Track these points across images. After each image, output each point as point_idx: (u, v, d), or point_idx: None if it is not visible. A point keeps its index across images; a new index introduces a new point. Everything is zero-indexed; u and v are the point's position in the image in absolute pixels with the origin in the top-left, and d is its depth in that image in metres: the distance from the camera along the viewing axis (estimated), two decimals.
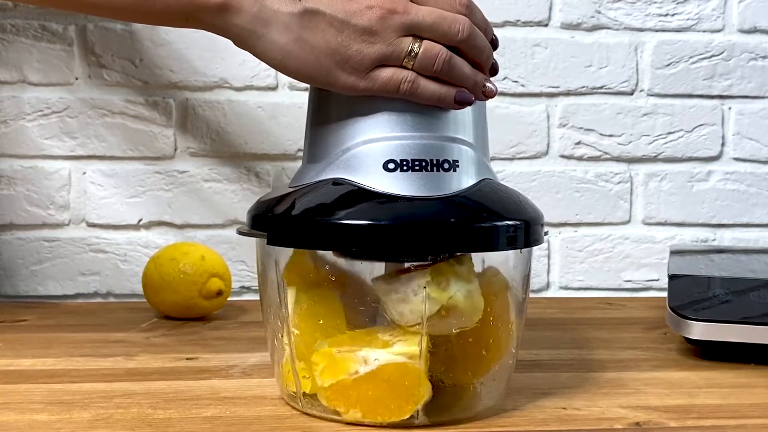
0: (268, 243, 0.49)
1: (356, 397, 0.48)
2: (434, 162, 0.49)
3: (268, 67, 0.93)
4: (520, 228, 0.49)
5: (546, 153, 0.98)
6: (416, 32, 0.51)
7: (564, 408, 0.53)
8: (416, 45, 0.50)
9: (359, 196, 0.48)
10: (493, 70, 0.55)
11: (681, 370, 0.63)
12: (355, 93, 0.51)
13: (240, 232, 0.52)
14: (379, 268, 0.49)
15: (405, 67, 0.50)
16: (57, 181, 0.92)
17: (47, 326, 0.77)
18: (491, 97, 0.53)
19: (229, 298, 0.82)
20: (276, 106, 0.94)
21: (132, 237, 0.93)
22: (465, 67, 0.52)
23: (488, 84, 0.53)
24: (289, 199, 0.50)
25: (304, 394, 0.50)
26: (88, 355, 0.65)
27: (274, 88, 0.94)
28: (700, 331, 0.65)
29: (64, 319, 0.81)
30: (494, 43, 0.55)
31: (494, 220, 0.49)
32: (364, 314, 0.49)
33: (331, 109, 0.52)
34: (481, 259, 0.50)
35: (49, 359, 0.64)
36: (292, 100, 0.93)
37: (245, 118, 0.93)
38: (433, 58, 0.50)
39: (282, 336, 0.51)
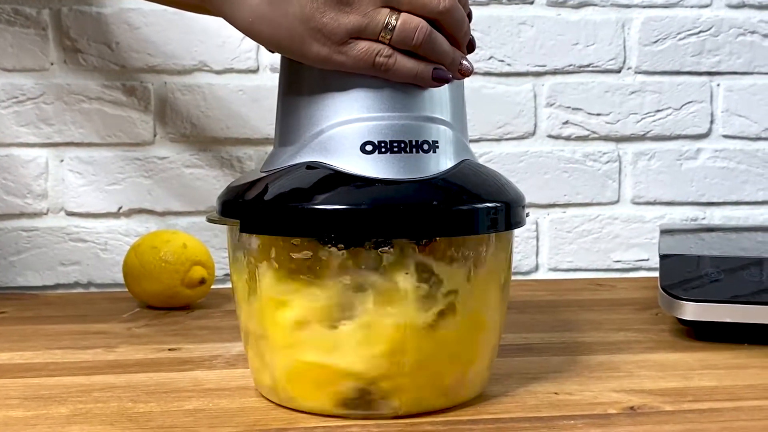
0: (241, 230, 0.47)
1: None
2: (413, 143, 0.48)
3: (249, 48, 0.92)
4: (501, 210, 0.48)
5: (533, 133, 0.96)
6: (394, 4, 0.48)
7: (556, 393, 0.52)
8: (393, 18, 0.48)
9: (336, 179, 0.46)
10: (471, 46, 0.52)
11: (674, 351, 0.62)
12: (328, 66, 0.48)
13: (210, 220, 0.50)
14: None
15: (381, 42, 0.48)
16: (34, 169, 0.89)
17: (26, 318, 0.76)
18: (467, 76, 0.51)
19: (212, 286, 0.80)
20: (257, 89, 0.92)
21: (112, 225, 0.91)
22: (444, 43, 0.49)
23: (464, 62, 0.51)
24: (262, 185, 0.48)
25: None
26: (67, 348, 0.64)
27: (255, 71, 0.92)
28: (692, 311, 0.64)
29: (43, 310, 0.79)
30: (469, 17, 0.53)
31: (475, 203, 0.47)
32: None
33: (304, 88, 0.50)
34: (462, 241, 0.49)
35: (26, 352, 0.62)
36: (274, 83, 0.91)
37: (226, 102, 0.91)
38: (411, 32, 0.48)
39: (256, 326, 0.49)
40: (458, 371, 0.49)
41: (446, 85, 0.50)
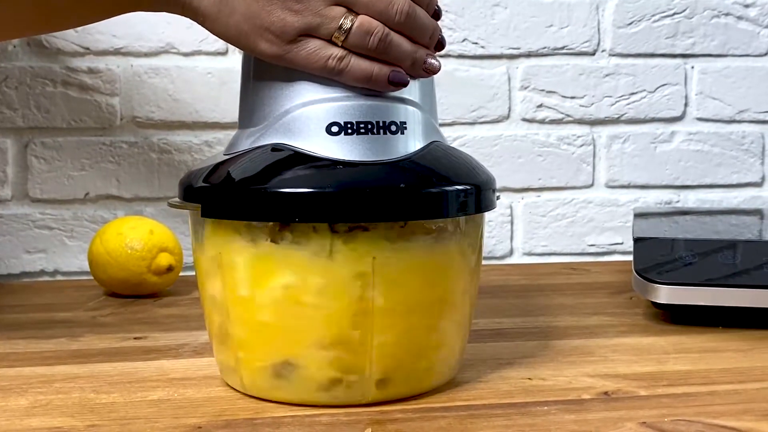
0: (203, 215, 0.46)
1: None
2: (380, 124, 0.46)
3: None
4: (471, 193, 0.47)
5: (507, 117, 0.95)
6: (349, 6, 0.47)
7: (530, 378, 0.51)
8: (349, 19, 0.46)
9: (300, 162, 0.45)
10: (440, 45, 0.50)
11: (648, 335, 0.62)
12: (279, 63, 0.47)
13: (171, 204, 0.48)
14: None
15: (334, 42, 0.46)
16: None
17: None
18: (434, 74, 0.49)
19: (180, 274, 0.78)
20: (226, 71, 0.90)
21: (78, 212, 0.89)
22: (403, 45, 0.47)
23: (431, 60, 0.49)
24: (224, 168, 0.46)
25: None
26: (30, 338, 0.62)
27: (224, 53, 0.90)
28: (666, 294, 0.63)
29: (6, 299, 0.77)
30: (437, 15, 0.51)
31: (444, 185, 0.46)
32: None
33: (268, 68, 0.48)
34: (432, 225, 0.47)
35: None
36: None
37: (194, 85, 0.89)
38: (366, 35, 0.46)
39: (220, 313, 0.48)
40: (428, 356, 0.48)
41: None
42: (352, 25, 0.46)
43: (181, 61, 0.89)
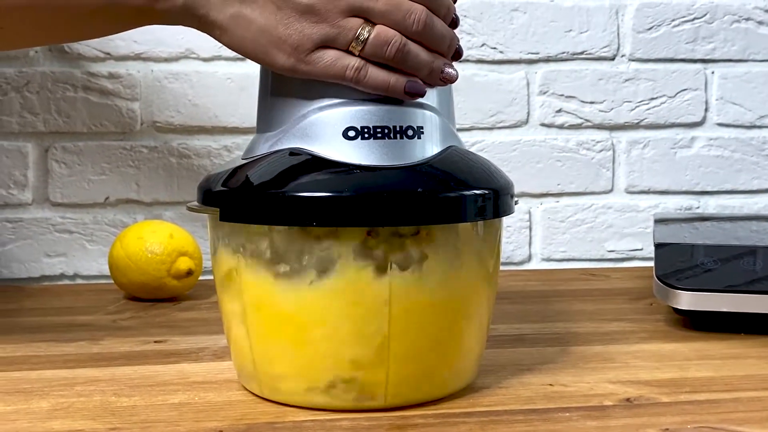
0: (221, 219, 0.46)
1: None
2: (397, 129, 0.46)
3: None
4: (489, 198, 0.47)
5: (526, 122, 0.95)
6: (366, 16, 0.47)
7: (551, 384, 0.51)
8: (366, 29, 0.46)
9: (317, 166, 0.45)
10: (457, 54, 0.51)
11: (670, 341, 0.61)
12: (296, 75, 0.47)
13: (190, 208, 0.49)
14: None
15: (351, 52, 0.47)
16: (18, 159, 0.88)
17: (9, 311, 0.74)
18: (451, 83, 0.49)
19: (200, 278, 0.78)
20: (246, 77, 0.90)
21: (98, 216, 0.89)
22: (421, 55, 0.47)
23: (448, 69, 0.49)
24: (242, 172, 0.47)
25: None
26: (51, 341, 0.62)
27: (243, 59, 0.90)
28: (687, 300, 0.63)
29: (27, 302, 0.77)
30: (455, 23, 0.51)
31: (462, 190, 0.46)
32: None
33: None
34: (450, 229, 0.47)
35: (8, 345, 0.61)
36: None
37: (214, 90, 0.90)
38: (383, 45, 0.46)
39: (239, 318, 0.48)
40: (446, 360, 0.47)
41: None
42: (369, 35, 0.46)
43: (200, 67, 0.89)
